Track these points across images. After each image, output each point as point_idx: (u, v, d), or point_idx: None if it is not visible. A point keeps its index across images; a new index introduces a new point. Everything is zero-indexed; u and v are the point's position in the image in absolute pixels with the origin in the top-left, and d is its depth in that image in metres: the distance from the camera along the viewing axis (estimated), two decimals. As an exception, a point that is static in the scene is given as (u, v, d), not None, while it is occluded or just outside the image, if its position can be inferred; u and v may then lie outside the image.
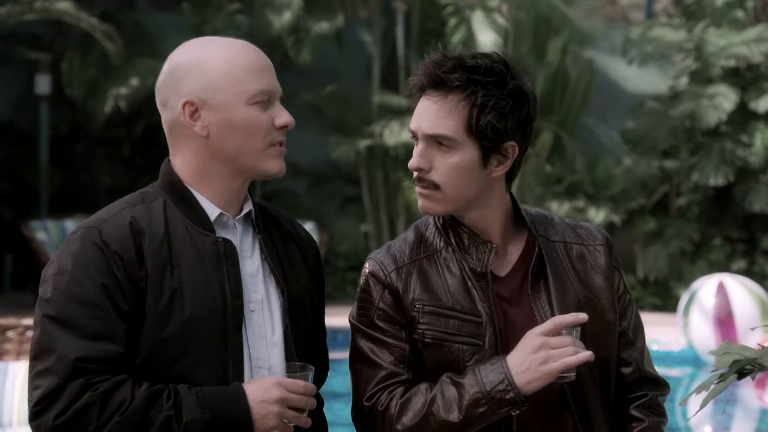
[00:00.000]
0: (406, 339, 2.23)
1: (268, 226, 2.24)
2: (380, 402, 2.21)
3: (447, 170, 2.19)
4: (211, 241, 2.11)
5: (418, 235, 2.30)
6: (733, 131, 11.81)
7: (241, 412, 2.03)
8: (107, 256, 2.04)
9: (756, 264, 11.88)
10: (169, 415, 2.00)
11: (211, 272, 2.09)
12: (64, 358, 2.00)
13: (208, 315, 2.07)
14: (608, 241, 2.35)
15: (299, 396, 2.06)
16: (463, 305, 2.21)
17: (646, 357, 2.35)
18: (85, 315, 2.02)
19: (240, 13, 11.96)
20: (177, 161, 2.17)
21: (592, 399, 2.24)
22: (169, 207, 2.13)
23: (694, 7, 12.16)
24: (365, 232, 12.45)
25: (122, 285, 2.03)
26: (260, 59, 2.15)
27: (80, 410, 1.98)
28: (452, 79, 2.18)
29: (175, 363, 2.06)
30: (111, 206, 2.15)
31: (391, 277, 2.25)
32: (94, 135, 12.18)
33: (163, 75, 2.18)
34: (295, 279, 2.21)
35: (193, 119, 2.12)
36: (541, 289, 2.25)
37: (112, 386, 2.00)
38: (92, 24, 11.10)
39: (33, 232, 10.90)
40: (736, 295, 8.54)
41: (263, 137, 2.13)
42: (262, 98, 2.13)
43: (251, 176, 2.17)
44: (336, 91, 12.02)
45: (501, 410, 2.13)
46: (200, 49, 2.16)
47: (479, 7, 11.45)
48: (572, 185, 11.88)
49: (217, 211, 2.15)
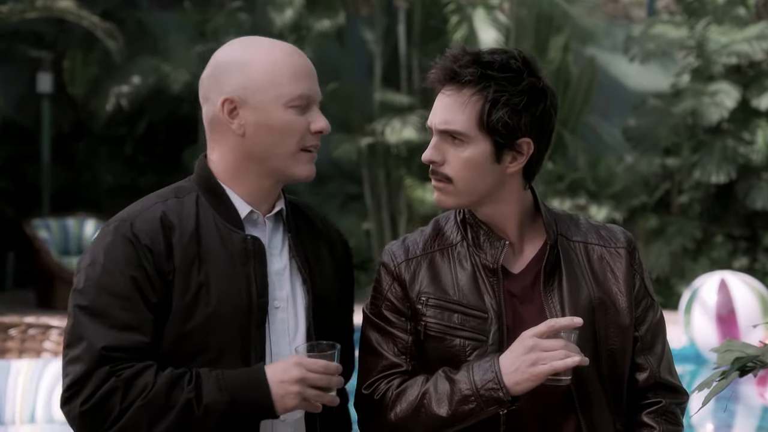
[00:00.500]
0: (410, 331, 2.25)
1: (300, 224, 2.27)
2: (378, 391, 2.24)
3: (459, 164, 2.20)
4: (240, 238, 2.15)
5: (436, 229, 2.33)
6: (735, 129, 11.81)
7: (261, 395, 2.06)
8: (138, 250, 2.09)
9: (758, 261, 11.88)
10: (190, 398, 2.03)
11: (239, 269, 2.13)
12: (92, 347, 2.05)
13: (233, 311, 2.10)
14: (631, 245, 2.33)
15: (320, 375, 2.07)
16: (470, 300, 2.22)
17: (664, 363, 2.32)
18: (115, 306, 2.07)
19: (242, 11, 11.96)
20: (213, 157, 2.21)
21: (598, 402, 2.23)
22: (201, 202, 2.17)
23: (695, 4, 12.16)
24: (367, 230, 12.45)
25: (151, 278, 2.08)
26: (303, 64, 2.20)
27: (104, 396, 2.03)
28: (466, 73, 2.19)
29: (195, 357, 2.09)
30: (145, 199, 2.20)
31: (400, 268, 2.27)
32: (96, 133, 12.18)
33: (207, 69, 2.22)
34: (321, 277, 2.24)
35: (231, 117, 2.16)
36: (554, 288, 2.24)
37: (136, 372, 2.05)
38: (94, 22, 11.11)
39: (35, 231, 10.91)
40: (738, 292, 8.54)
41: (297, 140, 2.17)
42: (300, 102, 2.17)
43: (281, 179, 2.20)
44: (337, 89, 12.02)
45: (489, 408, 2.14)
46: (245, 48, 2.19)
47: (481, 5, 11.45)
48: (574, 183, 11.88)
49: (248, 208, 2.18)
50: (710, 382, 1.84)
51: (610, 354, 2.24)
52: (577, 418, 2.22)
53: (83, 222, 11.13)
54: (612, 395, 2.26)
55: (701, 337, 8.51)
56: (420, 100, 12.12)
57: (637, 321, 2.30)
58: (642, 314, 2.31)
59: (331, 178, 12.55)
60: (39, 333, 5.14)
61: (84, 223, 11.11)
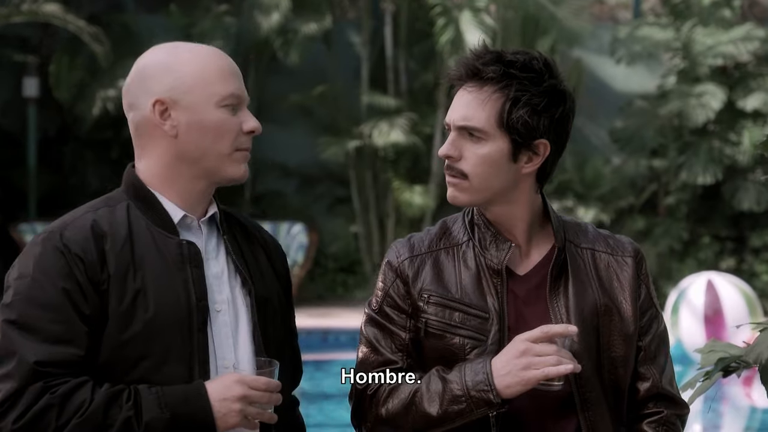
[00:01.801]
0: (410, 328, 2.25)
1: (233, 228, 2.24)
2: (371, 386, 2.24)
3: (475, 160, 2.19)
4: (175, 244, 2.12)
5: (443, 228, 2.32)
6: (721, 130, 11.85)
7: (201, 411, 2.03)
8: (68, 260, 2.05)
9: (745, 262, 11.92)
10: (129, 416, 1.99)
11: (176, 274, 2.10)
12: (24, 362, 1.99)
13: (172, 316, 2.07)
14: (638, 255, 2.33)
15: (261, 393, 2.06)
16: (472, 299, 2.22)
17: (666, 375, 2.31)
18: (45, 319, 2.02)
19: (228, 15, 11.96)
20: (141, 165, 2.19)
21: (599, 408, 2.22)
22: (132, 210, 2.14)
23: (681, 6, 12.20)
24: (355, 233, 12.45)
25: (83, 288, 2.04)
26: (230, 64, 2.17)
27: (38, 413, 1.98)
28: (488, 71, 2.18)
29: (137, 365, 2.05)
30: (74, 211, 2.16)
31: (404, 265, 2.27)
32: (82, 137, 12.16)
33: (132, 76, 2.20)
34: (261, 279, 2.22)
35: (162, 118, 2.13)
36: (560, 292, 2.24)
37: (72, 388, 2.00)
38: (80, 26, 11.09)
39: (21, 235, 10.88)
40: (725, 293, 8.57)
41: (231, 141, 2.14)
42: (232, 102, 2.14)
43: (215, 180, 2.18)
44: (325, 92, 12.02)
45: (478, 410, 2.13)
46: (171, 52, 2.17)
47: (467, 8, 11.46)
48: (561, 185, 11.90)
49: (181, 213, 2.15)
50: (694, 383, 1.84)
51: (613, 361, 2.24)
52: (578, 423, 2.21)
53: (70, 226, 11.11)
54: (613, 402, 2.25)
55: (688, 338, 8.54)
56: (407, 103, 12.12)
57: (642, 331, 2.29)
58: (647, 324, 2.30)
59: (319, 181, 12.54)
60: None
61: (71, 228, 11.09)
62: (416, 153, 12.00)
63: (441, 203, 11.85)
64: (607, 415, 2.24)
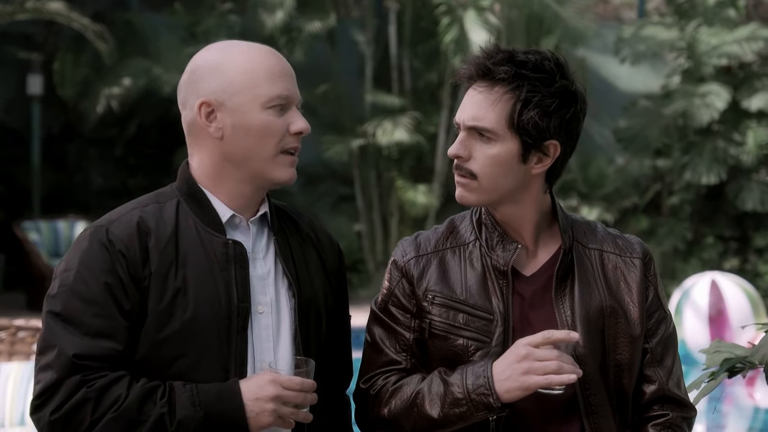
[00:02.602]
0: (414, 328, 2.24)
1: (286, 228, 2.24)
2: (375, 386, 2.24)
3: (485, 161, 2.18)
4: (221, 243, 2.12)
5: (450, 227, 2.31)
6: (726, 130, 11.84)
7: (234, 410, 2.03)
8: (112, 255, 2.06)
9: (748, 262, 11.91)
10: (163, 413, 2.00)
11: (219, 274, 2.10)
12: (63, 355, 2.02)
13: (211, 316, 2.07)
14: (647, 256, 2.31)
15: (296, 393, 2.05)
16: (477, 301, 2.21)
17: (673, 377, 2.29)
18: (87, 312, 2.04)
19: (232, 13, 11.96)
20: (194, 162, 2.19)
21: (603, 411, 2.21)
22: (181, 207, 2.14)
23: (686, 6, 12.19)
24: (358, 232, 12.45)
25: (125, 284, 2.05)
26: (280, 64, 2.16)
27: (75, 406, 2.00)
28: (500, 71, 2.16)
29: (173, 363, 2.06)
30: (124, 206, 2.17)
31: (409, 265, 2.26)
32: (86, 135, 12.16)
33: (185, 75, 2.19)
34: (308, 281, 2.21)
35: (208, 120, 2.13)
36: (566, 293, 2.23)
37: (108, 383, 2.01)
38: (84, 24, 11.09)
39: (25, 233, 10.88)
40: (729, 293, 8.56)
41: (276, 142, 2.13)
42: (278, 103, 2.13)
43: (261, 183, 2.17)
44: (329, 91, 12.02)
45: (479, 413, 2.13)
46: (222, 52, 2.17)
47: (471, 7, 11.46)
48: (565, 184, 11.89)
49: (230, 212, 2.15)
50: (699, 383, 1.84)
51: (618, 363, 2.23)
52: (582, 426, 2.20)
53: (73, 224, 11.11)
54: (617, 405, 2.24)
55: (692, 338, 8.53)
56: (411, 102, 12.12)
57: (649, 333, 2.28)
58: (654, 326, 2.28)
59: (323, 180, 12.54)
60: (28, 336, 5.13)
61: (74, 225, 11.09)
62: (420, 152, 12.00)
63: (445, 202, 11.85)
64: (612, 418, 2.23)
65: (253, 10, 11.79)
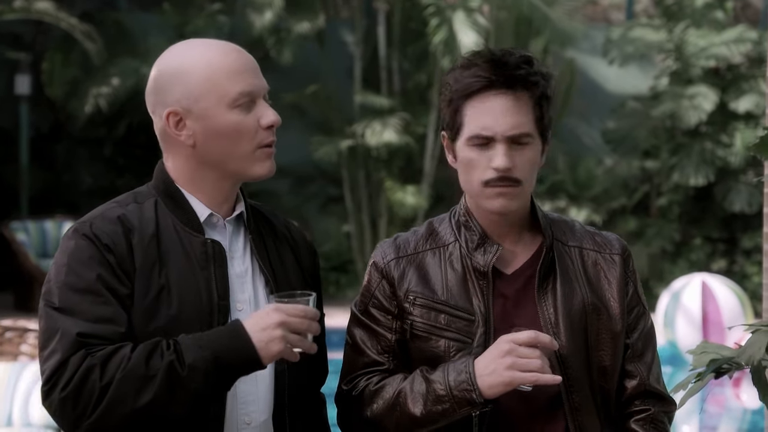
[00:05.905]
0: (396, 330, 2.25)
1: (261, 227, 2.24)
2: (357, 388, 2.25)
3: (526, 165, 2.20)
4: (199, 242, 2.12)
5: (430, 229, 2.31)
6: (714, 131, 11.88)
7: (242, 343, 2.00)
8: (99, 248, 2.06)
9: (736, 263, 11.95)
10: (171, 360, 1.98)
11: (199, 272, 2.10)
12: (67, 334, 2.00)
13: (194, 314, 2.08)
14: (625, 252, 2.33)
15: (300, 319, 2.03)
16: (458, 301, 2.22)
17: (653, 372, 2.31)
18: (85, 301, 2.03)
19: (221, 13, 11.95)
20: (169, 163, 2.19)
21: (587, 408, 2.22)
22: (160, 207, 2.14)
23: (674, 7, 12.22)
24: (347, 233, 12.45)
25: (116, 272, 2.05)
26: (240, 60, 2.14)
27: (82, 377, 1.98)
28: (519, 75, 2.18)
29: None
30: (103, 205, 2.17)
31: (389, 266, 2.27)
32: (75, 135, 12.13)
33: (150, 83, 2.18)
34: (285, 279, 2.21)
35: (178, 129, 2.12)
36: (548, 291, 2.24)
37: (111, 350, 2.00)
38: (72, 24, 11.07)
39: (13, 233, 10.85)
40: (720, 294, 8.58)
41: (250, 140, 2.12)
42: (244, 100, 2.11)
43: (241, 179, 2.18)
44: (318, 92, 12.01)
45: (461, 409, 2.13)
46: (181, 55, 2.15)
47: (461, 8, 11.46)
48: (554, 185, 11.91)
49: (207, 211, 2.16)
50: (686, 384, 1.85)
51: (601, 360, 2.24)
52: (566, 423, 2.21)
53: (62, 224, 11.08)
54: (601, 402, 2.25)
55: (684, 340, 8.54)
56: (400, 103, 12.12)
57: (629, 328, 2.29)
58: (634, 321, 2.30)
59: (311, 180, 12.54)
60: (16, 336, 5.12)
61: (62, 226, 11.06)
62: (409, 153, 12.00)
63: (433, 203, 11.86)
64: (596, 415, 2.24)
65: (242, 11, 11.78)
